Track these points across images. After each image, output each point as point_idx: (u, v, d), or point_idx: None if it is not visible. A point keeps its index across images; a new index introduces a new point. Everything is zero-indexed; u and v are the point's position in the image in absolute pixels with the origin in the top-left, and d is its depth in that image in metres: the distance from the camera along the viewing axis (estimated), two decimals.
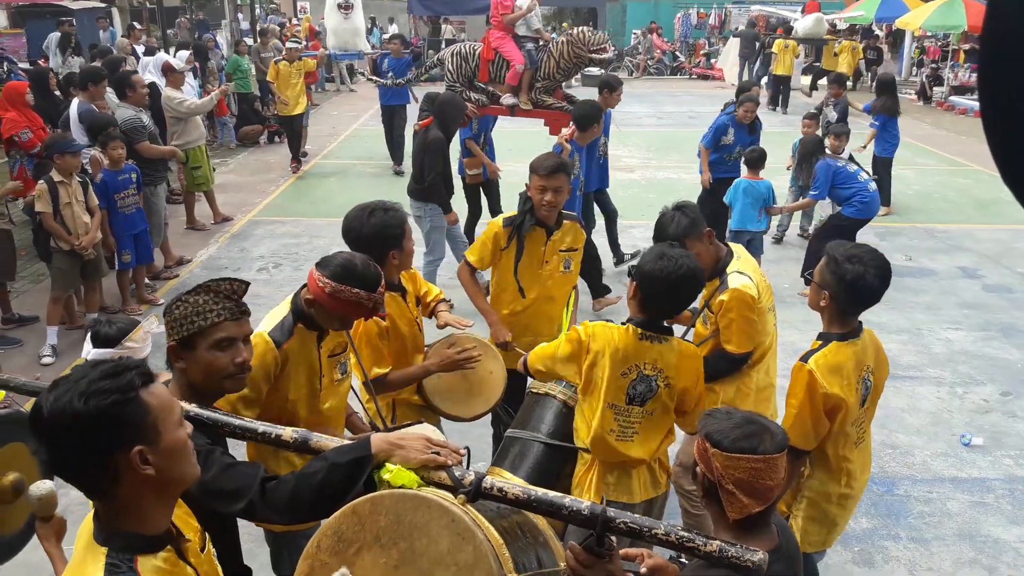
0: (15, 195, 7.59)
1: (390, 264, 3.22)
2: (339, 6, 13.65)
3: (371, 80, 12.66)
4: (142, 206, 7.06)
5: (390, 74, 11.36)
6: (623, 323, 2.96)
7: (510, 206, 4.73)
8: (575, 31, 7.42)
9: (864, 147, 9.38)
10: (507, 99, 7.44)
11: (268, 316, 2.80)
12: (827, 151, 7.55)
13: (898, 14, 19.30)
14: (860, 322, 3.02)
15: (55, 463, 1.53)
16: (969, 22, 16.88)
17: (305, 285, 2.75)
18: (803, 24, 19.38)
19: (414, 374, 3.38)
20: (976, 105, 15.35)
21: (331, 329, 2.82)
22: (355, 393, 3.35)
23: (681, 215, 3.48)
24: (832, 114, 9.40)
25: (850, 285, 2.85)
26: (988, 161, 1.17)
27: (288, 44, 12.33)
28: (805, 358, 2.92)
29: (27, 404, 3.72)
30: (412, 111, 11.04)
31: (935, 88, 19.57)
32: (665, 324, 2.98)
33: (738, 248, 3.63)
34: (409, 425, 2.98)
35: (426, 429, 2.81)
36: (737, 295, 3.37)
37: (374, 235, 3.15)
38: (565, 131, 6.47)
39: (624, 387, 2.89)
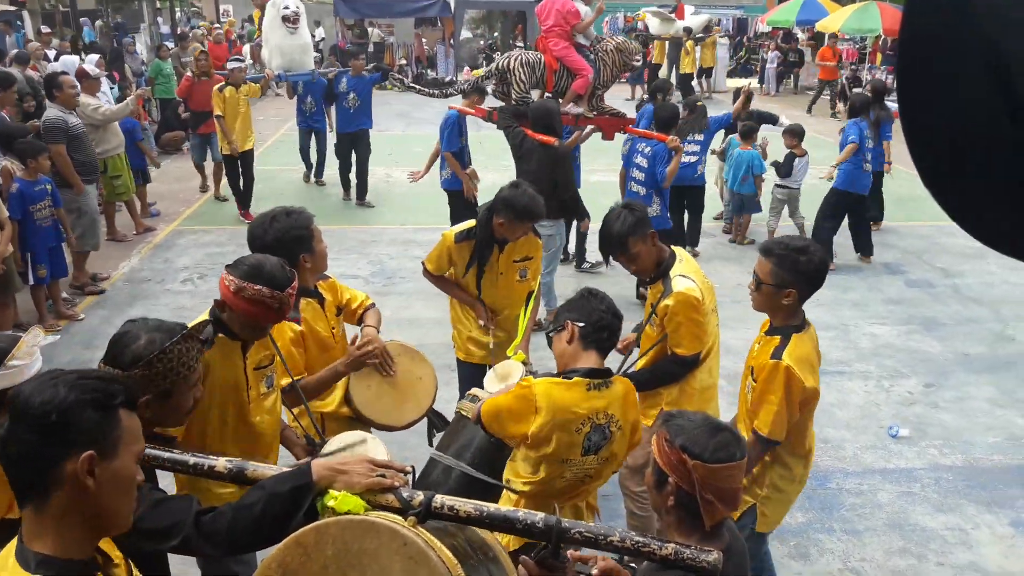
0: None
1: (302, 268, 3.16)
2: (284, 19, 10.96)
3: (413, 89, 10.12)
4: (66, 210, 6.80)
5: (350, 95, 10.11)
6: (564, 376, 2.79)
7: None
8: (618, 39, 7.85)
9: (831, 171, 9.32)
10: (573, 108, 7.35)
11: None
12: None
13: (818, 17, 19.90)
14: (803, 310, 3.13)
15: (5, 447, 1.48)
16: (884, 26, 17.50)
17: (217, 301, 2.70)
18: (652, 23, 20.17)
19: (324, 377, 3.28)
20: (893, 106, 15.90)
21: (245, 337, 2.73)
22: (288, 411, 3.25)
23: (628, 213, 3.50)
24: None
25: (812, 276, 2.99)
26: (906, 159, 1.18)
27: (230, 63, 9.90)
28: (776, 355, 2.97)
29: None
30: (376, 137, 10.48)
31: (854, 90, 20.20)
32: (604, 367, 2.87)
33: (680, 251, 3.65)
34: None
35: (369, 448, 2.74)
36: (683, 298, 3.40)
37: (278, 240, 3.07)
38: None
39: (579, 442, 2.76)
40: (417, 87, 8.61)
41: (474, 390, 3.55)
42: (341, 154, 10.42)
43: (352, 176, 10.44)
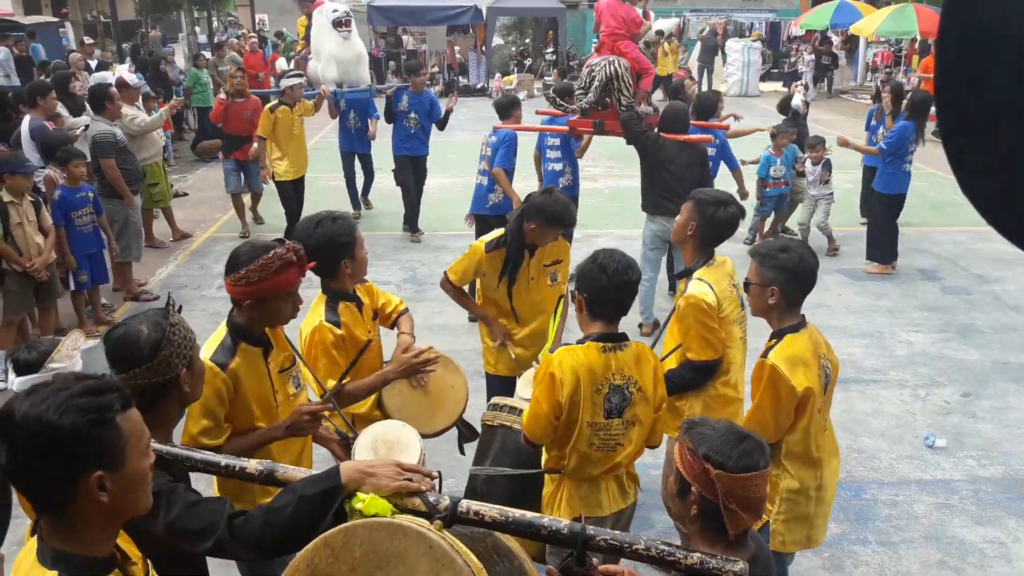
0: None
1: (343, 274, 3.24)
2: (335, 24, 9.53)
3: (555, 103, 7.55)
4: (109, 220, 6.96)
5: (411, 115, 9.00)
6: (578, 342, 2.94)
7: None
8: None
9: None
10: (644, 108, 7.34)
11: (205, 345, 2.70)
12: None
13: (852, 20, 19.68)
14: (803, 315, 3.11)
15: (13, 470, 1.49)
16: (921, 28, 17.25)
17: (233, 306, 2.74)
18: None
19: (372, 383, 3.31)
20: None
21: (272, 325, 2.77)
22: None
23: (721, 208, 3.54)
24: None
25: (793, 272, 2.97)
26: (943, 164, 1.17)
27: (287, 80, 8.79)
28: (765, 354, 3.00)
29: None
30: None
31: (907, 89, 19.97)
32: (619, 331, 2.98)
33: (721, 257, 3.63)
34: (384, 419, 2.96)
35: (403, 438, 2.76)
36: (692, 302, 3.40)
37: (322, 245, 3.13)
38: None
39: (600, 403, 2.87)
40: (559, 102, 7.32)
41: (496, 399, 3.58)
42: (401, 178, 9.31)
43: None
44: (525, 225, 3.99)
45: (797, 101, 9.96)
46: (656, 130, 6.51)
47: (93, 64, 13.49)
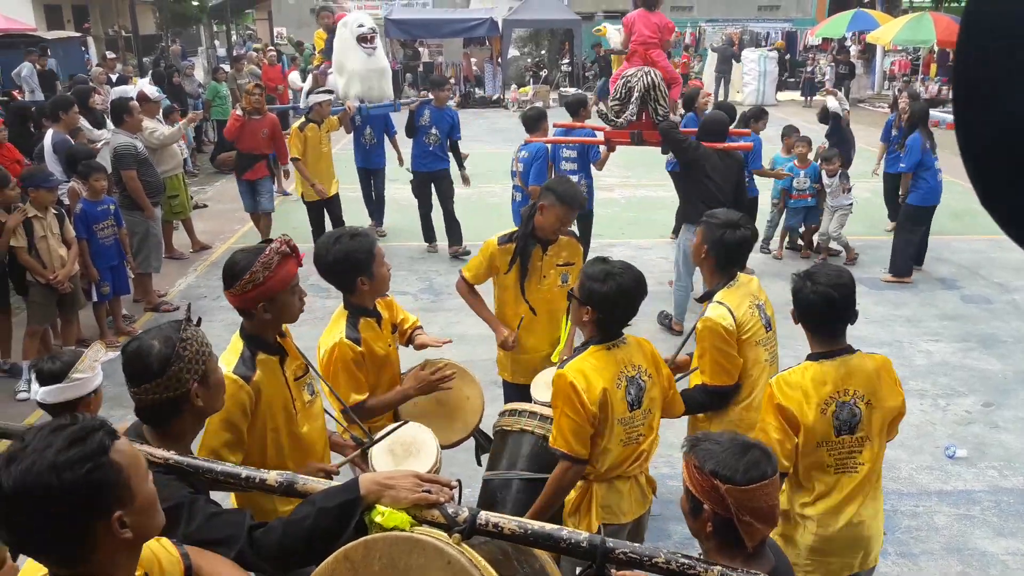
0: None
1: (360, 290, 3.26)
2: (360, 39, 9.22)
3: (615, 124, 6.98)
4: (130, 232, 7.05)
5: (432, 131, 8.70)
6: (577, 350, 3.01)
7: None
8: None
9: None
10: (673, 117, 7.35)
11: (222, 359, 2.69)
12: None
13: (869, 29, 19.61)
14: (850, 345, 2.96)
15: (22, 542, 1.42)
16: (938, 36, 17.16)
17: (243, 320, 2.77)
18: (612, 36, 20.10)
19: (392, 399, 3.34)
20: (947, 117, 15.57)
21: (286, 322, 2.80)
22: (333, 419, 3.32)
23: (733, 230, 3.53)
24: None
25: (811, 307, 2.87)
26: (961, 172, 1.17)
27: (316, 96, 8.56)
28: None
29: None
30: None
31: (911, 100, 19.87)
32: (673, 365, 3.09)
33: (744, 277, 3.55)
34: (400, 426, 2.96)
35: (419, 441, 2.78)
36: (709, 325, 3.35)
37: (339, 261, 3.18)
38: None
39: (623, 397, 2.92)
40: (611, 118, 7.01)
41: (510, 404, 3.58)
42: (420, 194, 9.05)
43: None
44: (538, 205, 4.02)
45: (834, 104, 9.87)
46: (695, 139, 6.50)
47: (114, 78, 13.68)
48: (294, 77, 14.13)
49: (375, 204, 9.79)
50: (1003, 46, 1.00)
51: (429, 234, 9.23)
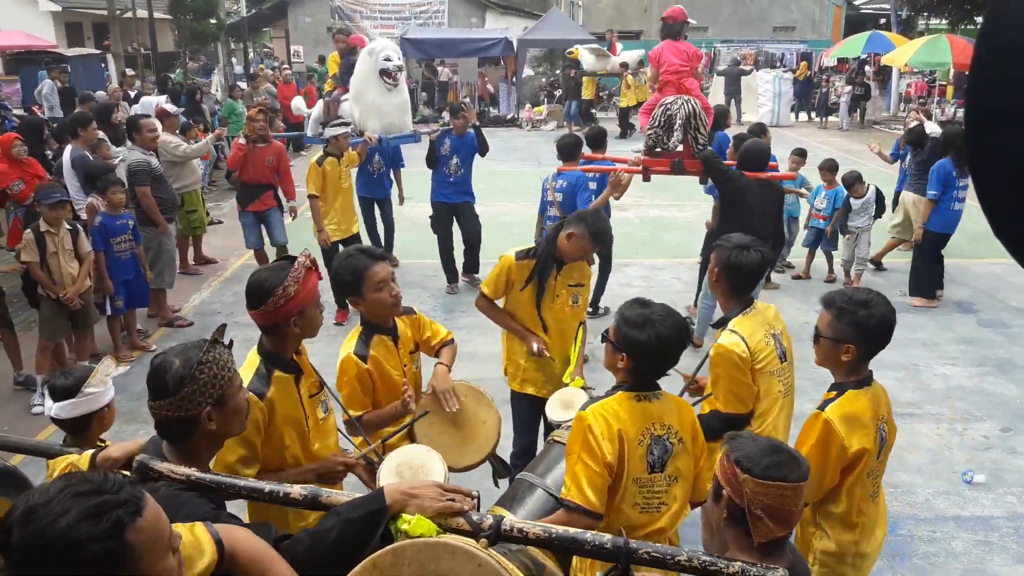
0: (10, 244, 7.52)
1: (357, 308, 3.33)
2: (383, 73, 8.89)
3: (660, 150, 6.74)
4: (144, 247, 7.09)
5: (453, 160, 8.26)
6: (607, 393, 2.80)
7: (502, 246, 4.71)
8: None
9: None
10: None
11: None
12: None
13: (884, 51, 19.61)
14: (871, 370, 2.97)
15: None
16: (954, 59, 17.13)
17: (262, 335, 2.82)
18: (586, 59, 20.18)
19: (388, 414, 3.33)
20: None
21: (309, 335, 2.83)
22: (345, 436, 3.32)
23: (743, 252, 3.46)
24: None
25: (873, 330, 2.83)
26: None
27: (333, 128, 7.84)
28: (823, 407, 2.85)
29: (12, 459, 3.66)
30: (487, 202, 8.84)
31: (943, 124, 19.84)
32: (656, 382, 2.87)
33: (761, 304, 3.51)
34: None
35: (427, 464, 2.78)
36: (721, 352, 3.31)
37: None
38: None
39: (643, 455, 2.70)
40: (659, 148, 6.72)
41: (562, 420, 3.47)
42: (439, 228, 8.49)
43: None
44: (562, 234, 4.00)
45: (934, 127, 9.78)
46: (736, 167, 6.38)
47: (132, 94, 13.83)
48: (298, 102, 13.77)
49: (385, 233, 9.17)
50: (1018, 68, 1.00)
51: (451, 274, 8.68)
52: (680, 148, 6.58)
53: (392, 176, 9.03)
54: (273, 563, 1.83)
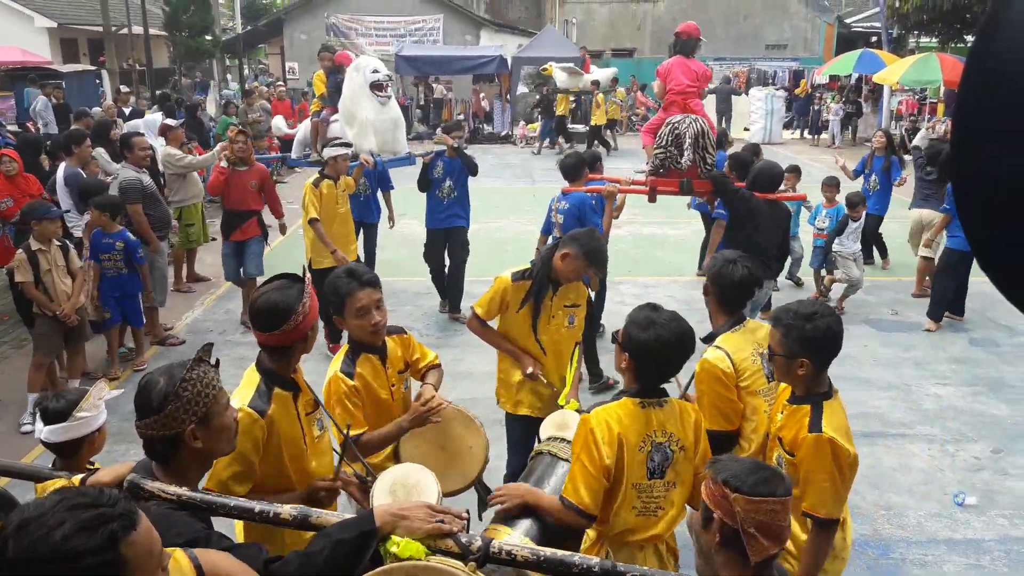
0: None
1: (340, 324, 3.32)
2: (373, 87, 8.68)
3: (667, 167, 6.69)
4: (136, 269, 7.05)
5: (445, 183, 7.93)
6: (614, 397, 2.89)
7: (499, 266, 4.72)
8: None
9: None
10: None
11: (237, 393, 2.72)
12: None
13: (875, 69, 19.76)
14: (829, 377, 3.02)
15: None
16: (945, 77, 17.26)
17: (260, 352, 2.80)
18: (559, 76, 20.32)
19: (388, 433, 3.31)
20: None
21: (307, 351, 2.84)
22: (339, 455, 3.30)
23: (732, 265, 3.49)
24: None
25: (821, 342, 2.87)
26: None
27: (331, 149, 7.46)
28: (815, 428, 2.83)
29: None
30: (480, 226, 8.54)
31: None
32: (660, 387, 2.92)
33: (752, 323, 3.53)
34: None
35: (420, 483, 2.78)
36: (705, 366, 3.33)
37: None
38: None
39: (643, 461, 2.79)
40: (661, 168, 6.65)
41: (554, 432, 3.44)
42: (432, 257, 8.22)
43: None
44: (557, 254, 4.00)
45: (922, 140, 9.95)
46: (747, 188, 6.36)
47: (127, 111, 13.85)
48: (278, 122, 13.32)
49: (366, 263, 8.34)
50: (1004, 87, 1.01)
51: (444, 292, 8.45)
52: (691, 165, 6.55)
53: (381, 199, 8.76)
54: None
